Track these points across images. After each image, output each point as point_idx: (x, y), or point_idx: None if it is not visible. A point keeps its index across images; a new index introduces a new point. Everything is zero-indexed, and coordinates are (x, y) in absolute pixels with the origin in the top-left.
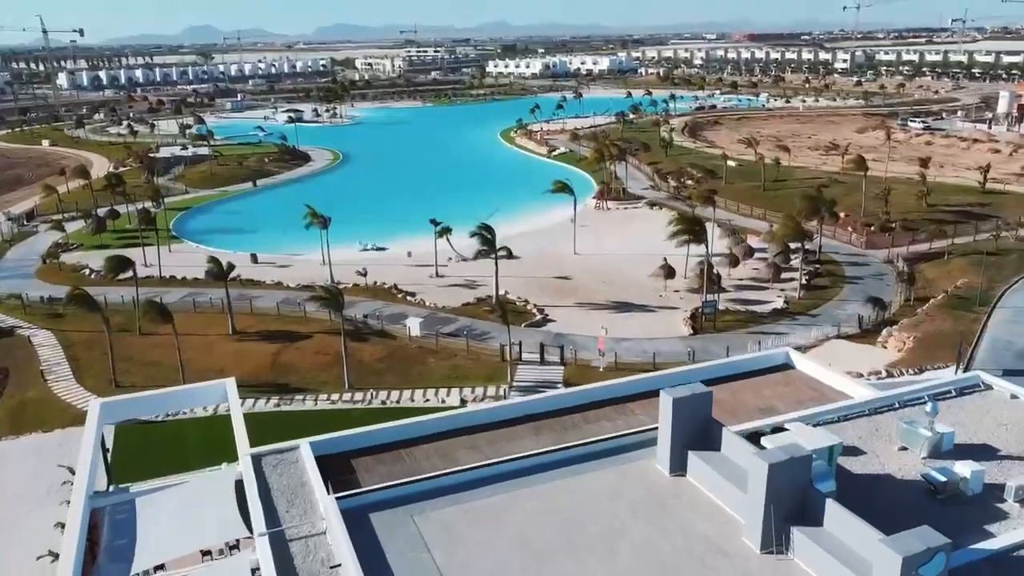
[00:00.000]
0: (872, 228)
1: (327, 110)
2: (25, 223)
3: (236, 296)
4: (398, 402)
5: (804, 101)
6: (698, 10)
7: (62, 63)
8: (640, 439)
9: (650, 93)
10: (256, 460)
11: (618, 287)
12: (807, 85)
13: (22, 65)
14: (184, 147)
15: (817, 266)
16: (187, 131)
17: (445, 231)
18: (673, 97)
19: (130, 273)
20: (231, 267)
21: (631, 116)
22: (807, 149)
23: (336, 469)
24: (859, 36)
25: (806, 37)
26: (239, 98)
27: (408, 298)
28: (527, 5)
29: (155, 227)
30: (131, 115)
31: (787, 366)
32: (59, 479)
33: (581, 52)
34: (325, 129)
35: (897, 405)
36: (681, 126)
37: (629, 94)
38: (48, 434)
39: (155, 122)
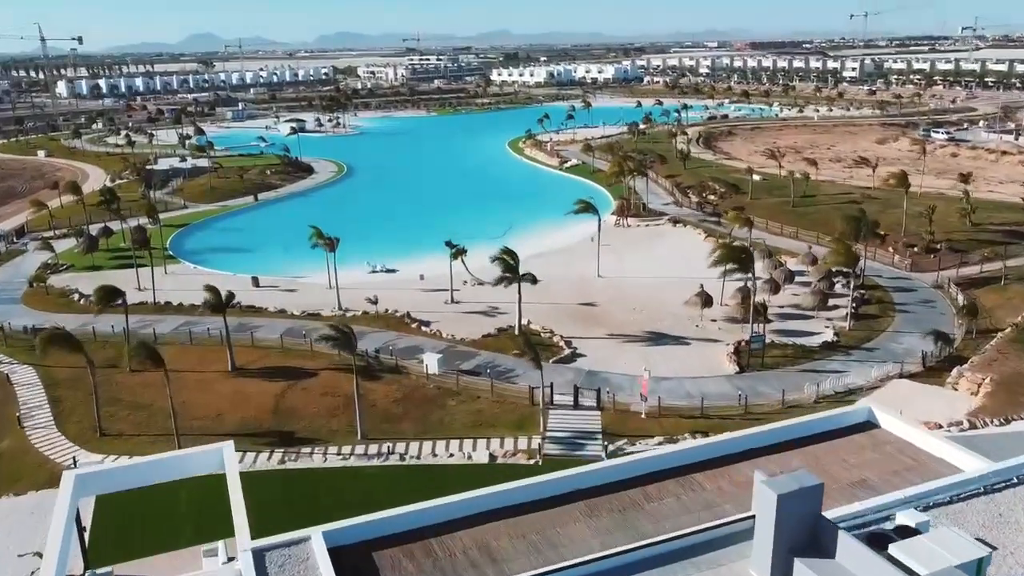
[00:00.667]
0: (915, 249)
1: (330, 119)
2: (15, 240)
3: (236, 326)
4: (418, 457)
5: (817, 111)
6: (697, 19)
7: (61, 71)
8: (725, 533)
9: (660, 103)
10: (259, 557)
11: (650, 316)
12: (819, 94)
13: (21, 73)
14: (183, 159)
15: (862, 292)
16: (186, 142)
17: (460, 252)
18: (685, 107)
19: (121, 301)
20: (230, 297)
21: (643, 126)
22: (829, 161)
23: (354, 566)
24: (861, 44)
25: (808, 45)
26: (240, 107)
27: (423, 328)
28: (528, 14)
29: (149, 248)
30: (129, 125)
31: (870, 424)
32: (28, 567)
33: (584, 60)
34: (328, 139)
35: (1016, 480)
36: (694, 136)
37: (639, 103)
38: (20, 498)
39: (154, 132)
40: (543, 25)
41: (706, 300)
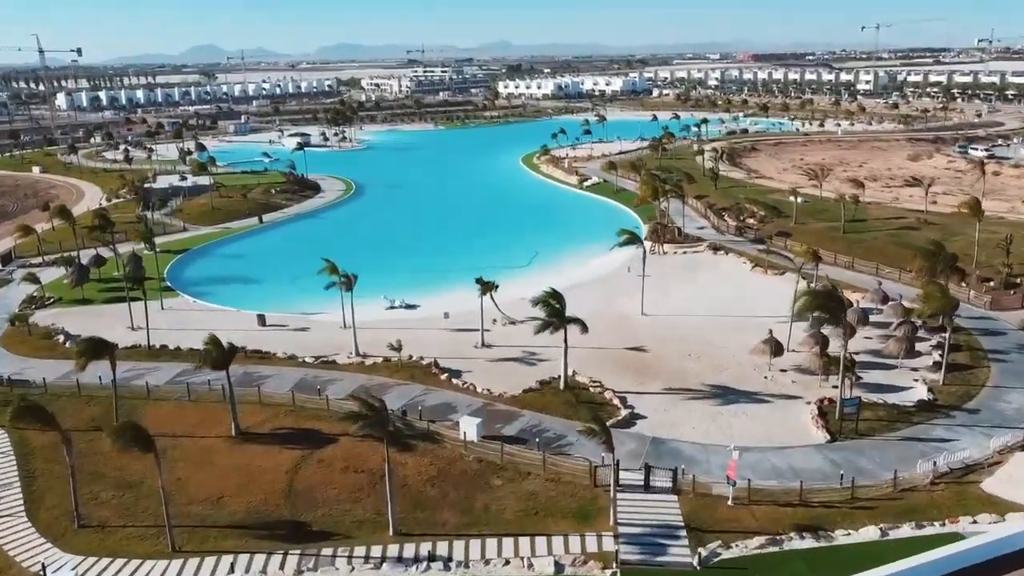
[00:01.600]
0: (992, 284)
1: (336, 133)
2: (1, 268)
3: (240, 376)
4: (467, 565)
5: (839, 125)
6: (696, 31)
7: (62, 83)
8: None
9: (678, 116)
10: None
11: (710, 364)
12: (837, 108)
13: (21, 85)
14: (183, 177)
15: (947, 336)
16: (187, 157)
17: (490, 288)
18: (705, 121)
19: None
20: (234, 351)
21: (664, 142)
22: (866, 180)
23: None
24: (864, 56)
25: (810, 57)
26: (242, 120)
27: (454, 380)
28: (528, 25)
29: (144, 282)
30: (128, 139)
31: None
32: None
33: (589, 72)
34: (334, 155)
35: None
36: (716, 152)
37: (655, 117)
38: None
39: (153, 147)
40: (543, 37)
41: (776, 348)
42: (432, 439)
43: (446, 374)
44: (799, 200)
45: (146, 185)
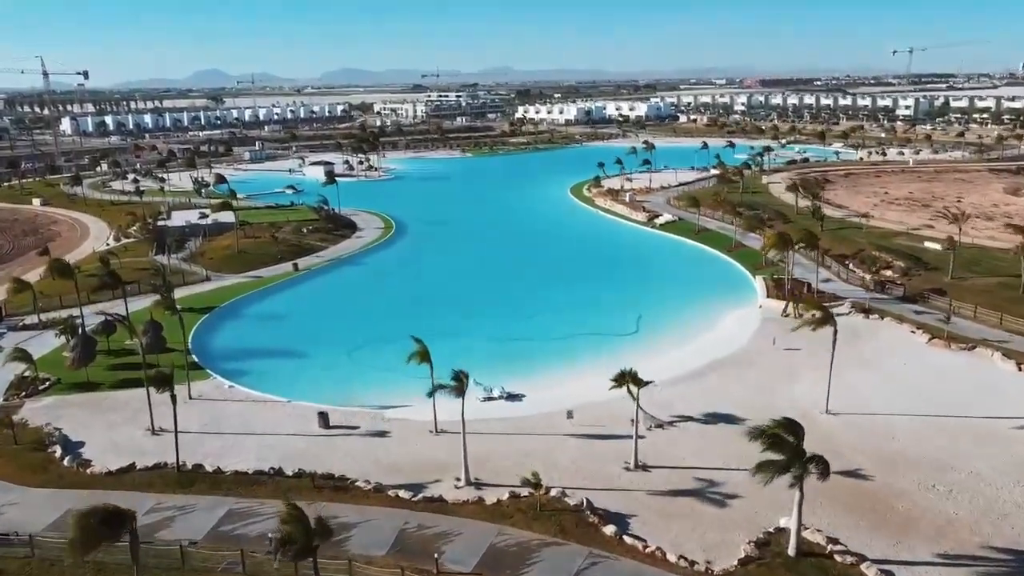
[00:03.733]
0: None
1: (360, 161)
2: None
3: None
4: None
5: (902, 153)
6: (696, 56)
7: (67, 107)
8: None
9: (732, 144)
10: None
11: (978, 508)
12: (893, 135)
13: (26, 109)
14: (203, 214)
15: None
16: (203, 189)
17: (635, 381)
18: (769, 149)
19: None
20: (324, 531)
21: (732, 172)
22: (976, 218)
23: None
24: (872, 82)
25: (818, 83)
26: (257, 147)
27: (624, 538)
28: (530, 51)
29: (169, 381)
30: (138, 167)
31: None
32: None
33: (600, 97)
34: (362, 185)
35: None
36: (785, 181)
37: (705, 144)
38: None
39: (165, 175)
40: (544, 63)
41: None
42: None
43: (612, 528)
44: (935, 246)
45: (160, 222)
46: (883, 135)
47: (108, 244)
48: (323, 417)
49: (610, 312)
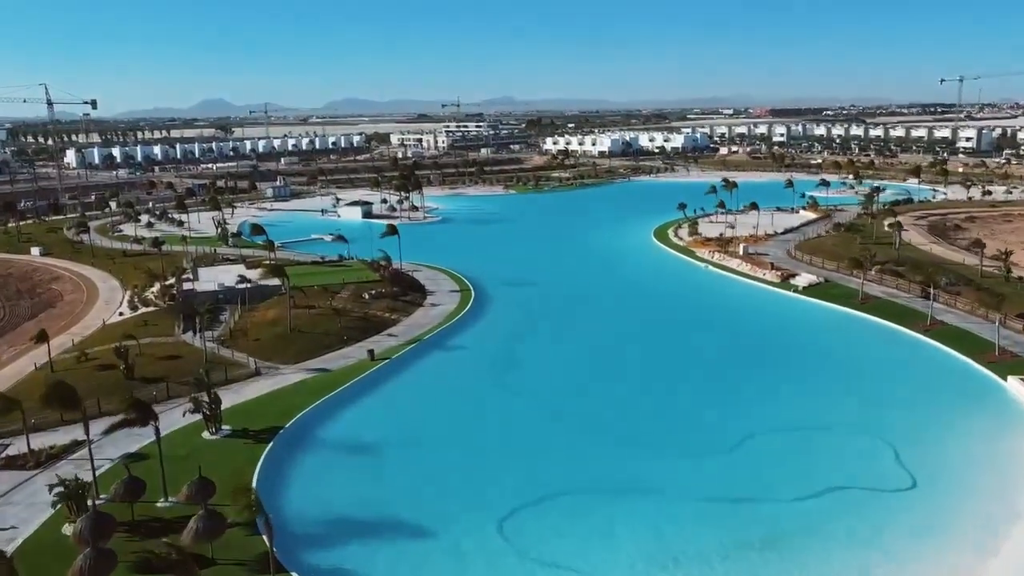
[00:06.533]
0: None
1: (399, 200)
2: None
3: None
4: None
5: (1010, 192)
6: (697, 86)
7: (73, 137)
8: None
9: (826, 182)
10: None
11: None
12: (985, 169)
13: (29, 139)
14: (242, 279)
15: None
16: (229, 238)
17: None
18: (879, 189)
19: None
20: None
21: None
22: None
23: None
24: (883, 111)
25: (828, 113)
26: (279, 183)
27: None
28: (531, 82)
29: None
30: (151, 207)
31: None
32: None
33: (611, 128)
34: (408, 229)
35: None
36: (909, 225)
37: (790, 182)
38: None
39: (183, 218)
40: (546, 92)
41: None
42: None
43: None
44: None
45: (185, 284)
46: (960, 169)
47: (120, 314)
48: None
49: (842, 440)
